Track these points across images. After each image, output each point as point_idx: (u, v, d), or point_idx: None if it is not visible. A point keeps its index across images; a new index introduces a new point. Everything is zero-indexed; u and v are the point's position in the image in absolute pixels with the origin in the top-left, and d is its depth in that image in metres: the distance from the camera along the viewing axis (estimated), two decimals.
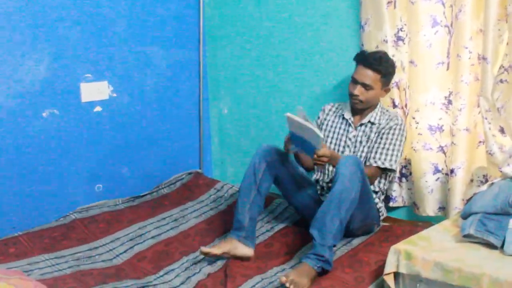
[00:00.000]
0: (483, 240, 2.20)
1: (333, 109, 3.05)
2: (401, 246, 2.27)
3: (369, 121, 2.88)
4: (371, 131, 2.86)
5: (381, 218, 2.90)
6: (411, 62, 2.82)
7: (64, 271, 2.62)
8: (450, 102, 2.76)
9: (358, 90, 2.77)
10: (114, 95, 3.38)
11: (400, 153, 2.81)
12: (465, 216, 2.37)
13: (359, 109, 2.88)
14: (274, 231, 3.02)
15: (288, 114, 2.54)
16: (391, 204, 3.05)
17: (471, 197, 2.52)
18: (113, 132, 3.41)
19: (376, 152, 2.80)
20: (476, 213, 2.32)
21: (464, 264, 2.07)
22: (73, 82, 3.20)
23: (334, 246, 2.51)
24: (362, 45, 3.00)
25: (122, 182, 3.50)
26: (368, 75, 2.74)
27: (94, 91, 3.30)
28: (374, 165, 2.79)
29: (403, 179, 3.02)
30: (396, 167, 2.85)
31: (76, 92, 3.22)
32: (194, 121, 3.84)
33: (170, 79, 3.67)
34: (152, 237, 3.02)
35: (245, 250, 2.72)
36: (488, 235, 2.20)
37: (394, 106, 2.95)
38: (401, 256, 2.23)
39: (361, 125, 2.90)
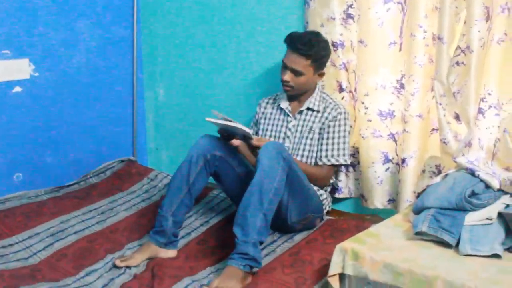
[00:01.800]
0: (436, 238, 2.02)
1: (270, 101, 2.85)
2: (348, 244, 2.05)
3: (307, 108, 2.66)
4: (311, 121, 2.65)
5: (325, 210, 2.67)
6: (361, 41, 2.58)
7: None
8: (402, 86, 2.55)
9: (288, 76, 2.57)
10: (36, 74, 3.06)
11: (348, 144, 2.63)
12: (417, 211, 2.17)
13: (294, 96, 2.68)
14: (209, 225, 2.77)
15: (208, 118, 2.41)
16: (336, 195, 2.83)
17: (423, 190, 2.33)
18: (35, 115, 3.09)
19: (326, 150, 2.61)
20: (429, 208, 2.12)
21: (416, 265, 1.88)
22: None
23: (261, 243, 2.28)
24: (307, 22, 2.76)
25: (45, 171, 3.18)
26: (297, 61, 2.53)
27: (13, 70, 2.97)
28: (328, 163, 2.60)
29: (350, 169, 2.80)
30: (349, 159, 2.65)
31: None
32: (127, 104, 3.54)
33: (101, 58, 3.35)
34: (75, 232, 2.73)
35: (168, 253, 2.49)
36: (442, 232, 2.02)
37: (341, 89, 2.72)
38: (347, 256, 2.02)
39: (299, 112, 2.68)
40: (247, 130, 2.39)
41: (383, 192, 2.65)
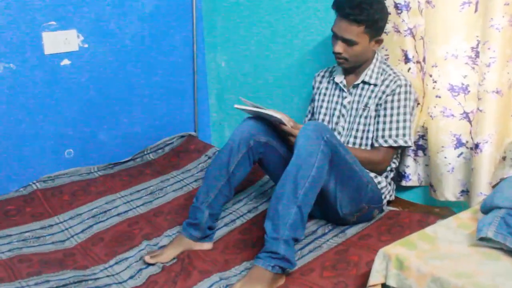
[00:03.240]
0: (505, 247, 1.62)
1: (326, 74, 2.51)
2: (393, 249, 1.72)
3: (363, 81, 2.29)
4: (367, 96, 2.28)
5: (385, 200, 2.31)
6: (428, 2, 2.16)
7: (0, 255, 2.20)
8: (478, 55, 2.10)
9: (340, 47, 2.22)
10: (85, 45, 2.89)
11: (412, 123, 2.25)
12: (485, 209, 1.77)
13: (350, 68, 2.30)
14: (258, 212, 2.51)
15: (238, 105, 2.19)
16: (404, 183, 2.44)
17: (497, 183, 1.91)
18: (85, 89, 2.93)
19: (383, 129, 2.25)
20: (499, 207, 1.71)
21: (473, 283, 1.50)
22: (33, 31, 2.70)
23: (296, 240, 1.97)
24: None
25: (98, 147, 3.05)
26: (348, 28, 2.17)
27: (60, 42, 2.80)
28: (385, 145, 2.24)
29: (419, 153, 2.40)
30: (412, 141, 2.26)
31: (38, 43, 2.73)
32: (188, 75, 3.30)
33: (156, 26, 3.12)
34: (118, 214, 2.59)
35: (203, 246, 2.25)
36: None
37: (407, 60, 2.31)
38: (391, 263, 1.69)
39: (354, 87, 2.32)
40: (280, 116, 2.09)
41: (455, 182, 2.24)
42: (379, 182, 2.26)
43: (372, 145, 2.28)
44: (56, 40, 2.78)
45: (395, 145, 2.22)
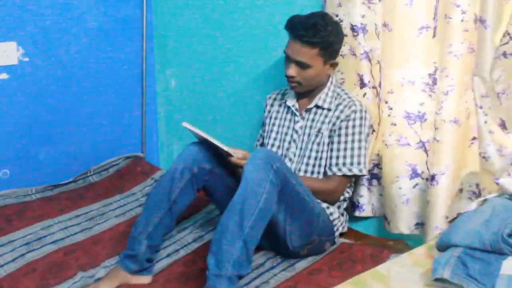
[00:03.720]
0: None
1: (278, 97, 2.39)
2: None
3: (316, 105, 2.17)
4: (320, 121, 2.17)
5: (337, 233, 2.18)
6: (385, 25, 2.06)
7: None
8: (435, 81, 2.01)
9: (292, 70, 2.11)
10: (26, 59, 2.71)
11: (367, 150, 2.14)
12: (441, 247, 1.67)
13: (303, 92, 2.20)
14: (203, 241, 2.34)
15: (186, 124, 2.06)
16: (357, 213, 2.33)
17: (454, 218, 1.80)
18: (24, 105, 2.75)
19: (337, 157, 2.13)
20: (456, 246, 1.60)
21: None
22: None
23: (241, 277, 1.82)
24: (325, 1, 2.25)
25: (37, 168, 2.86)
26: (301, 51, 2.06)
27: None
28: (339, 174, 2.12)
29: (374, 182, 2.29)
30: (367, 170, 2.15)
31: None
32: (136, 94, 3.14)
33: (104, 40, 2.96)
34: (53, 242, 2.38)
35: (140, 279, 2.07)
36: (470, 282, 1.49)
37: (363, 84, 2.20)
38: None
39: (307, 111, 2.20)
40: (225, 148, 1.96)
41: (410, 214, 2.13)
42: (331, 213, 2.14)
43: (325, 173, 2.16)
44: None
45: (349, 173, 2.11)
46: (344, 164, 2.11)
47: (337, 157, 2.12)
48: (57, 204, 2.68)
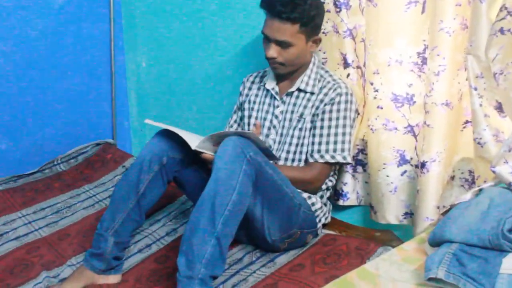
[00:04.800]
0: None
1: (256, 80, 2.22)
2: None
3: (298, 89, 2.01)
4: (302, 105, 2.00)
5: (320, 224, 2.04)
6: (369, 0, 1.89)
7: None
8: (425, 61, 1.85)
9: (273, 51, 1.94)
10: None
11: (351, 136, 1.98)
12: (434, 242, 1.53)
13: (285, 74, 2.02)
14: (177, 235, 2.19)
15: (148, 120, 1.95)
16: (341, 202, 2.19)
17: (447, 210, 1.66)
18: None
19: (319, 143, 1.97)
20: (450, 241, 1.46)
21: None
22: None
23: (214, 278, 1.67)
24: None
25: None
26: (281, 29, 1.88)
27: None
28: (321, 161, 1.97)
29: (359, 169, 2.15)
30: (351, 157, 2.01)
31: None
32: (104, 76, 2.94)
33: (67, 21, 2.74)
34: (16, 238, 2.22)
35: (108, 279, 1.90)
36: (466, 282, 1.35)
37: (346, 64, 2.04)
38: None
39: (288, 94, 2.04)
40: (192, 142, 1.79)
41: (398, 203, 2.00)
42: (313, 204, 1.99)
43: (306, 160, 2.01)
44: None
45: (332, 161, 1.96)
46: (326, 150, 1.96)
47: (319, 143, 1.96)
48: (20, 197, 2.52)
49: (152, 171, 1.88)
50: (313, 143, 1.98)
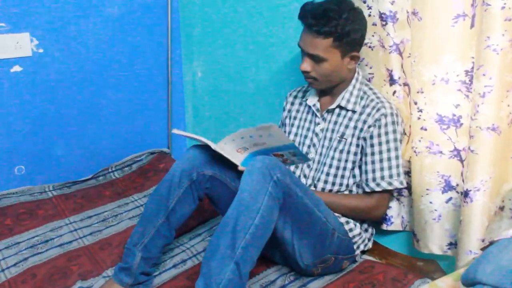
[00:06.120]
0: None
1: (299, 94, 2.13)
2: None
3: (338, 106, 1.91)
4: (344, 124, 1.91)
5: (358, 251, 1.92)
6: (414, 13, 1.76)
7: None
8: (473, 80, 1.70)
9: (306, 64, 1.84)
10: (40, 50, 2.56)
11: (401, 158, 1.87)
12: (466, 283, 1.38)
13: (325, 90, 1.94)
14: None
15: (176, 130, 1.87)
16: (385, 227, 2.06)
17: (487, 246, 1.52)
18: (40, 98, 2.60)
19: (373, 170, 1.86)
20: (482, 283, 1.31)
21: None
22: None
23: None
24: None
25: (54, 164, 2.72)
26: (313, 42, 1.78)
27: (11, 46, 2.48)
28: (378, 189, 1.85)
29: (404, 192, 2.01)
30: (405, 180, 1.88)
31: None
32: (161, 86, 2.95)
33: (124, 29, 2.77)
34: (60, 245, 2.25)
35: None
36: None
37: (392, 81, 1.91)
38: None
39: (329, 111, 1.94)
40: (230, 156, 1.72)
41: (442, 232, 1.84)
42: (350, 229, 1.87)
43: (347, 185, 1.90)
44: (5, 44, 2.46)
45: (389, 188, 1.84)
46: (382, 177, 1.83)
47: (373, 171, 1.85)
48: (71, 203, 2.55)
49: (182, 187, 1.85)
50: (366, 172, 1.87)
